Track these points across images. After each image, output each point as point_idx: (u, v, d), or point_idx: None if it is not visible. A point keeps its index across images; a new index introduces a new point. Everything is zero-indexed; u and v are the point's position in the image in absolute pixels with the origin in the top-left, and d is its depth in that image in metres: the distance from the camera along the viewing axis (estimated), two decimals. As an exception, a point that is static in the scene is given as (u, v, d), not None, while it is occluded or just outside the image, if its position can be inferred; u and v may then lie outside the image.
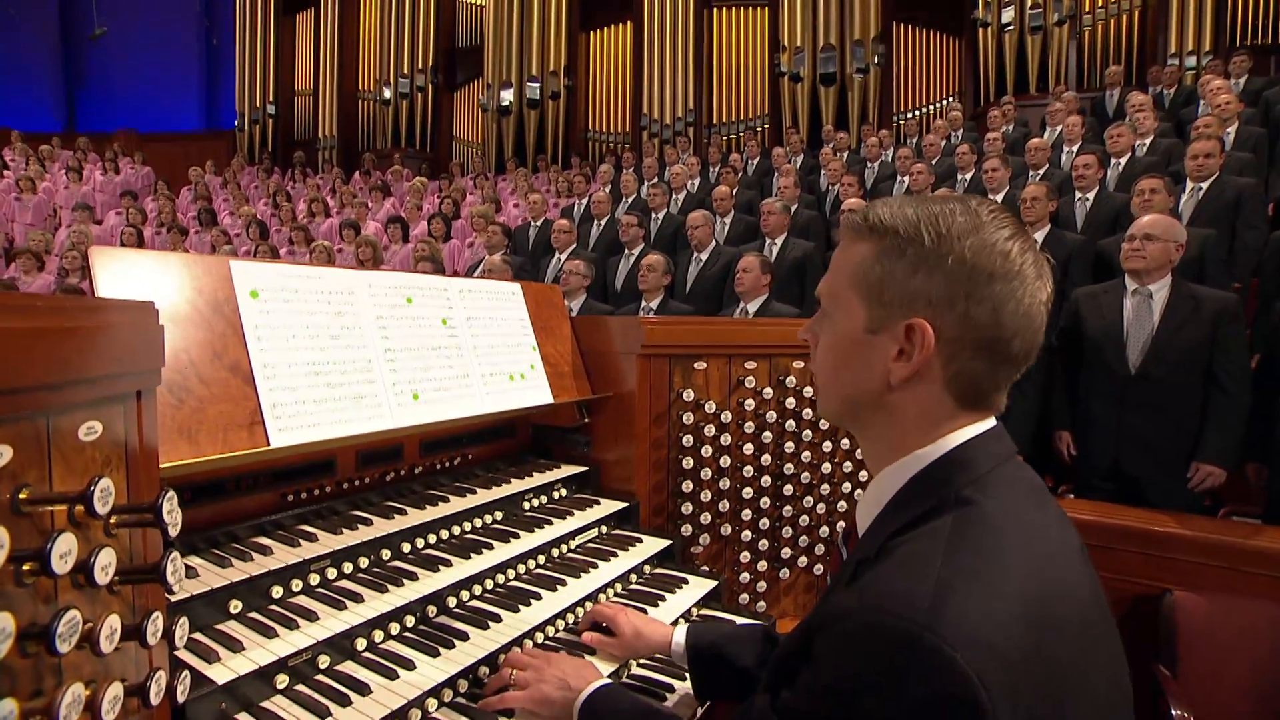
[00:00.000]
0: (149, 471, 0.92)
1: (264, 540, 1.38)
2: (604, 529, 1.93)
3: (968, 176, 6.64)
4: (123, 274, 1.20)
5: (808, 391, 2.16)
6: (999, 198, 5.56)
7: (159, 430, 1.10)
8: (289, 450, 1.30)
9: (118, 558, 0.82)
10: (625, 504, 1.97)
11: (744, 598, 2.13)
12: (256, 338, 1.34)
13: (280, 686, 1.16)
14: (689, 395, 2.02)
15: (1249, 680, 2.24)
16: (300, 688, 1.18)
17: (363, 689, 1.18)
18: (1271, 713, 2.20)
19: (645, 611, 1.59)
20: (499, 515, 1.77)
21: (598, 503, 1.97)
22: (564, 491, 2.01)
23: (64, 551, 0.66)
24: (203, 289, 1.29)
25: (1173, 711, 2.08)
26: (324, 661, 1.23)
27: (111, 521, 0.82)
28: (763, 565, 2.15)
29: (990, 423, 0.90)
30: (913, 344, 0.84)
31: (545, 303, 2.11)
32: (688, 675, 1.44)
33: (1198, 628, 2.34)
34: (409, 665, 1.26)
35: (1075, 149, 6.21)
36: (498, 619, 1.43)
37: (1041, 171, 5.99)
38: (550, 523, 1.78)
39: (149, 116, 15.85)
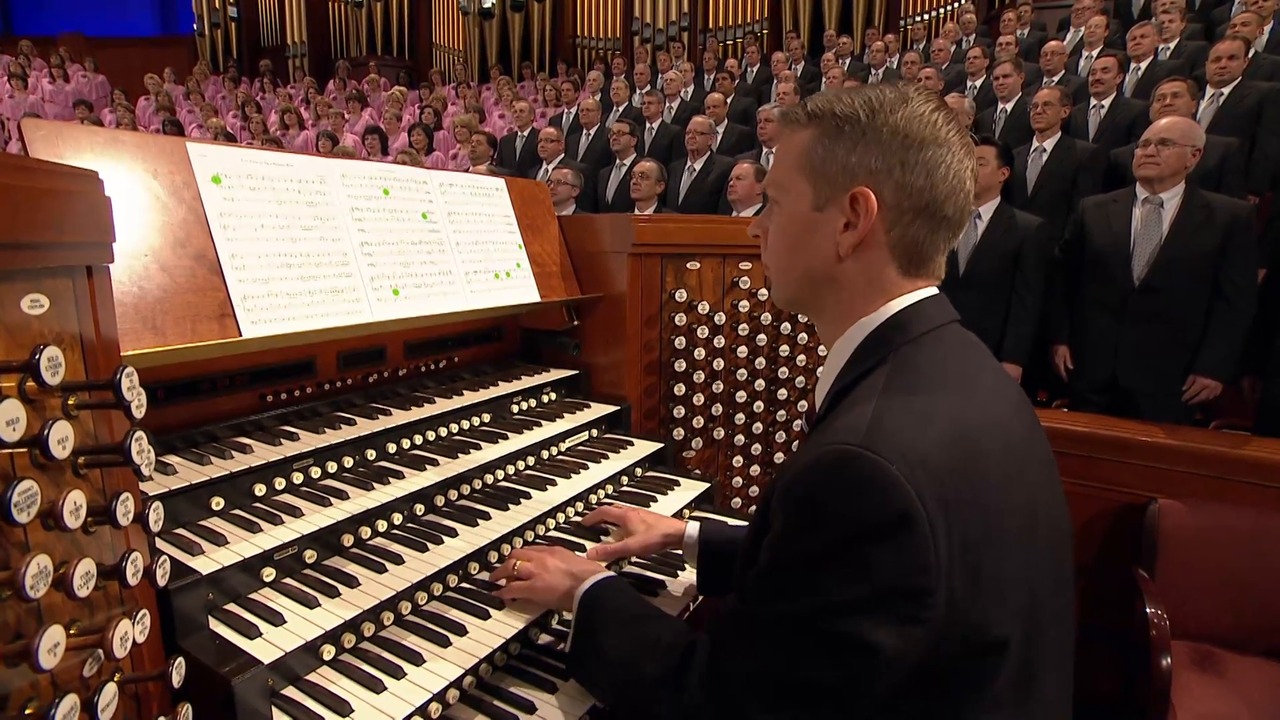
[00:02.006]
0: (108, 357, 0.88)
1: (244, 440, 1.36)
2: (594, 432, 1.92)
3: (978, 83, 6.39)
4: (65, 151, 1.11)
5: (804, 294, 2.11)
6: (1009, 107, 5.37)
7: (121, 320, 1.06)
8: (263, 343, 1.26)
9: (79, 438, 0.79)
10: (616, 407, 1.96)
11: (736, 501, 2.16)
12: (222, 226, 1.27)
13: (267, 579, 1.16)
14: (682, 296, 1.98)
15: (1221, 580, 2.32)
16: (288, 581, 1.19)
17: (351, 581, 1.18)
18: (1239, 607, 2.29)
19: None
20: (486, 417, 1.75)
21: (588, 406, 1.95)
22: (553, 395, 1.99)
23: (11, 418, 0.62)
24: (158, 171, 1.21)
25: (1147, 609, 2.16)
26: (311, 556, 1.23)
27: (70, 403, 0.79)
28: (755, 470, 2.17)
29: (932, 290, 0.96)
30: (858, 213, 0.92)
31: (531, 200, 2.03)
32: (689, 567, 1.48)
33: (1178, 533, 2.41)
34: (398, 560, 1.26)
35: (1095, 53, 5.94)
36: (487, 517, 1.43)
37: (1057, 78, 5.74)
38: (539, 425, 1.77)
39: (96, 19, 14.58)
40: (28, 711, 0.69)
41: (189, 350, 1.13)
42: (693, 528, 1.43)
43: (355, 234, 1.50)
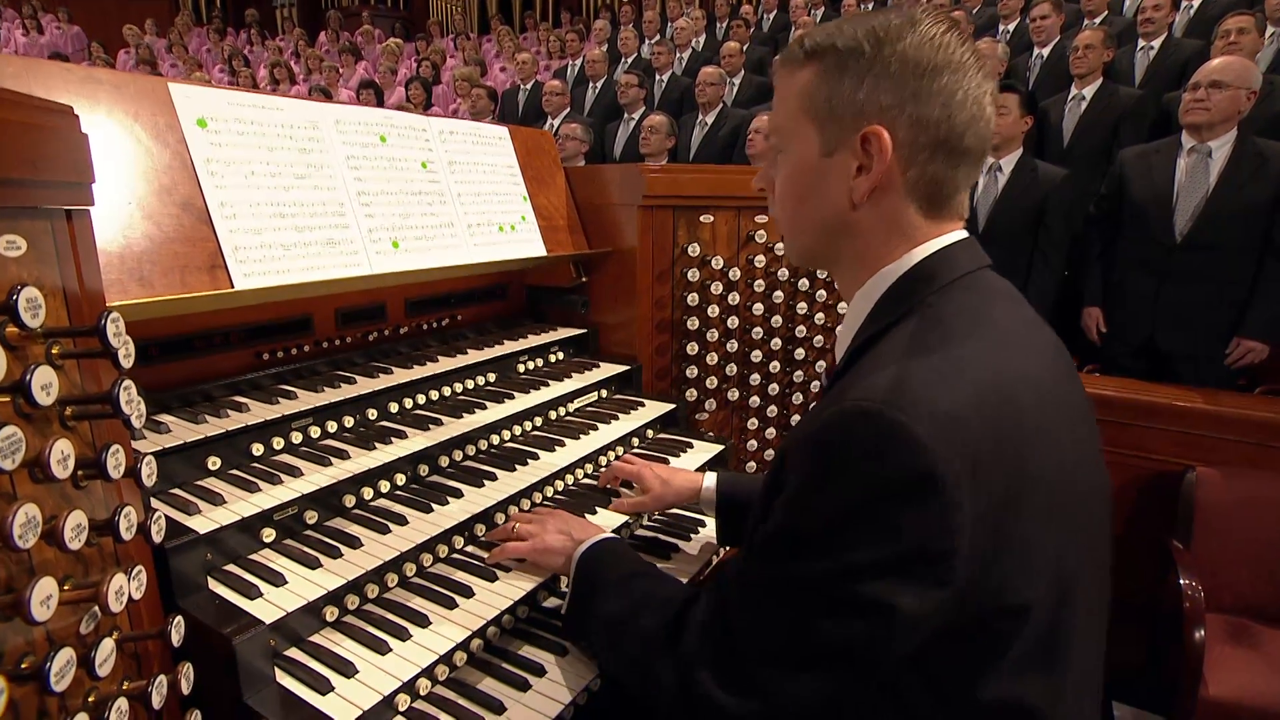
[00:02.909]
0: (92, 306, 0.87)
1: (240, 399, 1.36)
2: (604, 392, 1.91)
3: (1010, 27, 6.19)
4: (36, 90, 1.09)
5: (825, 249, 2.07)
6: (1045, 52, 5.20)
7: (105, 271, 1.05)
8: (256, 295, 1.24)
9: (66, 389, 0.78)
10: (626, 367, 1.95)
11: (751, 465, 2.16)
12: (210, 173, 1.25)
13: (267, 540, 1.17)
14: (695, 250, 1.95)
15: (1260, 551, 2.30)
16: (289, 541, 1.19)
17: (353, 542, 1.18)
18: (1279, 580, 2.28)
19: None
20: (492, 377, 1.74)
21: (597, 366, 1.94)
22: (561, 355, 1.98)
23: (-10, 360, 0.61)
24: (139, 114, 1.18)
25: (1181, 580, 2.15)
26: (311, 517, 1.23)
27: (54, 351, 0.78)
28: (770, 432, 2.15)
29: (960, 234, 0.92)
30: (870, 154, 0.87)
31: (536, 150, 2.00)
32: (705, 527, 1.49)
33: (1216, 502, 2.38)
34: (401, 521, 1.26)
35: (1145, -11, 5.72)
36: (493, 478, 1.43)
37: (1100, 19, 5.53)
38: (546, 385, 1.76)
39: (68, -34, 14.47)
40: (24, 666, 0.70)
41: (179, 302, 1.12)
42: (710, 479, 1.44)
43: (351, 183, 1.48)
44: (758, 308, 2.03)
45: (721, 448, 1.81)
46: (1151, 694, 2.42)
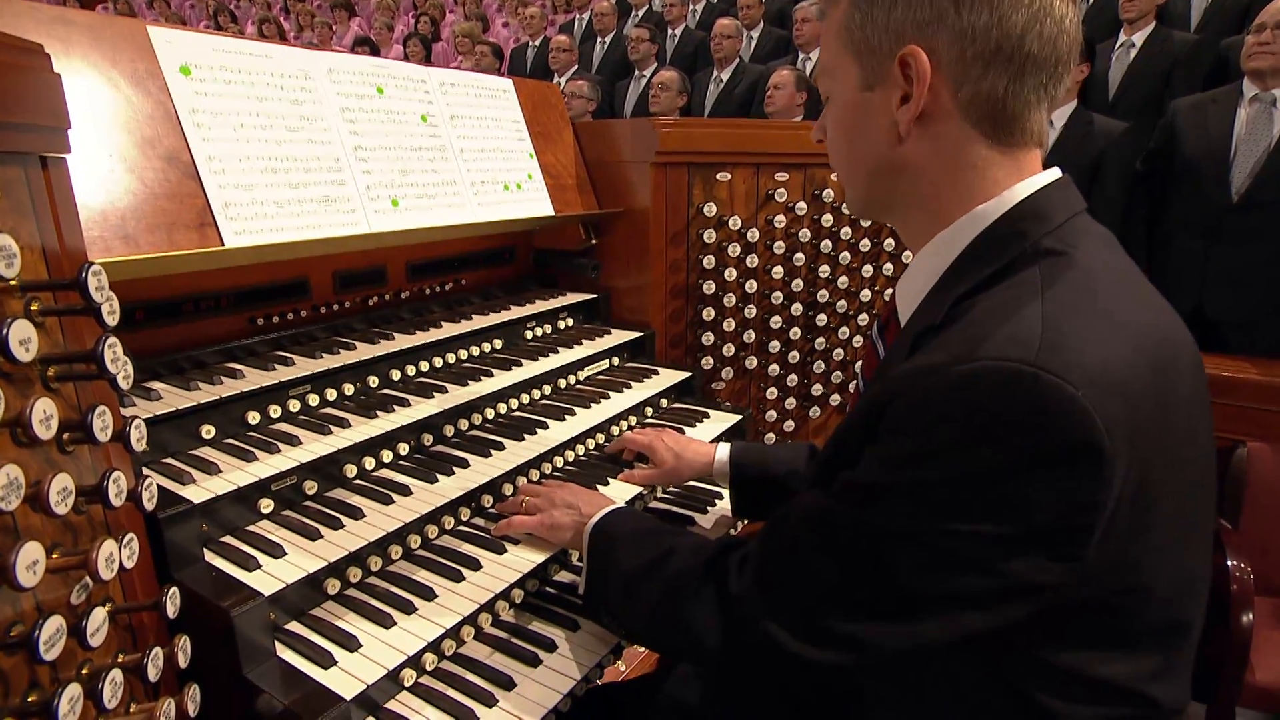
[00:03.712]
0: (72, 262, 0.85)
1: (234, 365, 1.35)
2: (615, 360, 1.90)
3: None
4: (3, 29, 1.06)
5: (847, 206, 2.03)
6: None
7: (87, 228, 1.03)
8: (248, 255, 1.23)
9: (47, 347, 0.77)
10: (639, 334, 1.93)
11: (770, 437, 2.14)
12: (195, 124, 1.22)
13: (265, 511, 1.17)
14: (711, 210, 1.92)
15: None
16: (288, 513, 1.19)
17: (355, 513, 1.18)
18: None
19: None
20: (498, 344, 1.73)
21: (608, 332, 1.92)
22: (570, 321, 1.96)
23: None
24: (117, 59, 1.15)
25: (1229, 562, 2.12)
26: (311, 488, 1.23)
27: (34, 308, 0.76)
28: (791, 403, 2.14)
29: (1054, 172, 0.86)
30: (910, 79, 0.81)
31: (543, 104, 1.96)
32: (719, 502, 1.48)
33: (1267, 480, 2.34)
34: (405, 491, 1.26)
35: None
36: (500, 447, 1.42)
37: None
38: (555, 352, 1.75)
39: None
40: (12, 634, 0.69)
41: (166, 260, 1.10)
42: (723, 450, 1.42)
43: (347, 137, 1.45)
44: (778, 271, 2.00)
45: (739, 418, 1.79)
46: (1195, 679, 2.39)
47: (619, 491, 1.43)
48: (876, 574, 0.77)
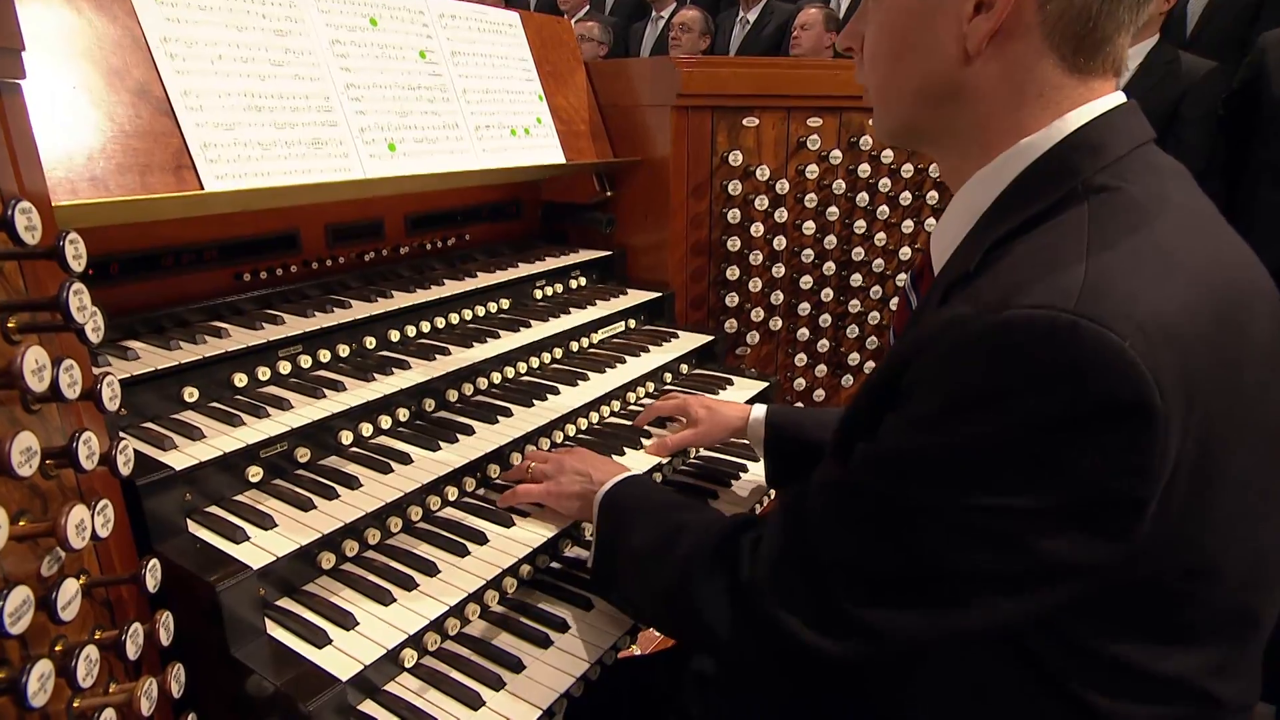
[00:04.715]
0: (34, 204, 0.82)
1: (218, 324, 1.32)
2: (631, 322, 1.87)
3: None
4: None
5: (886, 155, 1.97)
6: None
7: (49, 168, 0.99)
8: (231, 201, 1.19)
9: (5, 295, 0.74)
10: (657, 294, 1.90)
11: (798, 406, 2.10)
12: (168, 55, 1.18)
13: (254, 480, 1.15)
14: (736, 159, 1.86)
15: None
16: (278, 482, 1.17)
17: (351, 482, 1.16)
18: None
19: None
20: (505, 303, 1.70)
21: (624, 293, 1.89)
22: (583, 280, 1.93)
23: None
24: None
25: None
26: (304, 455, 1.21)
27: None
28: (821, 370, 2.10)
29: (1119, 97, 0.79)
30: None
31: (554, 42, 1.90)
32: (751, 467, 1.46)
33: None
34: (405, 459, 1.23)
35: None
36: (508, 414, 1.40)
37: None
38: (567, 313, 1.72)
39: None
40: (-26, 608, 0.67)
41: (140, 204, 1.07)
42: (759, 410, 1.39)
43: (338, 73, 1.40)
44: (809, 226, 1.95)
45: (765, 385, 1.76)
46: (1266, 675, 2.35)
47: (637, 462, 1.40)
48: (898, 555, 0.73)
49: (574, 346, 1.70)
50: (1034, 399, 0.64)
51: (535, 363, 1.60)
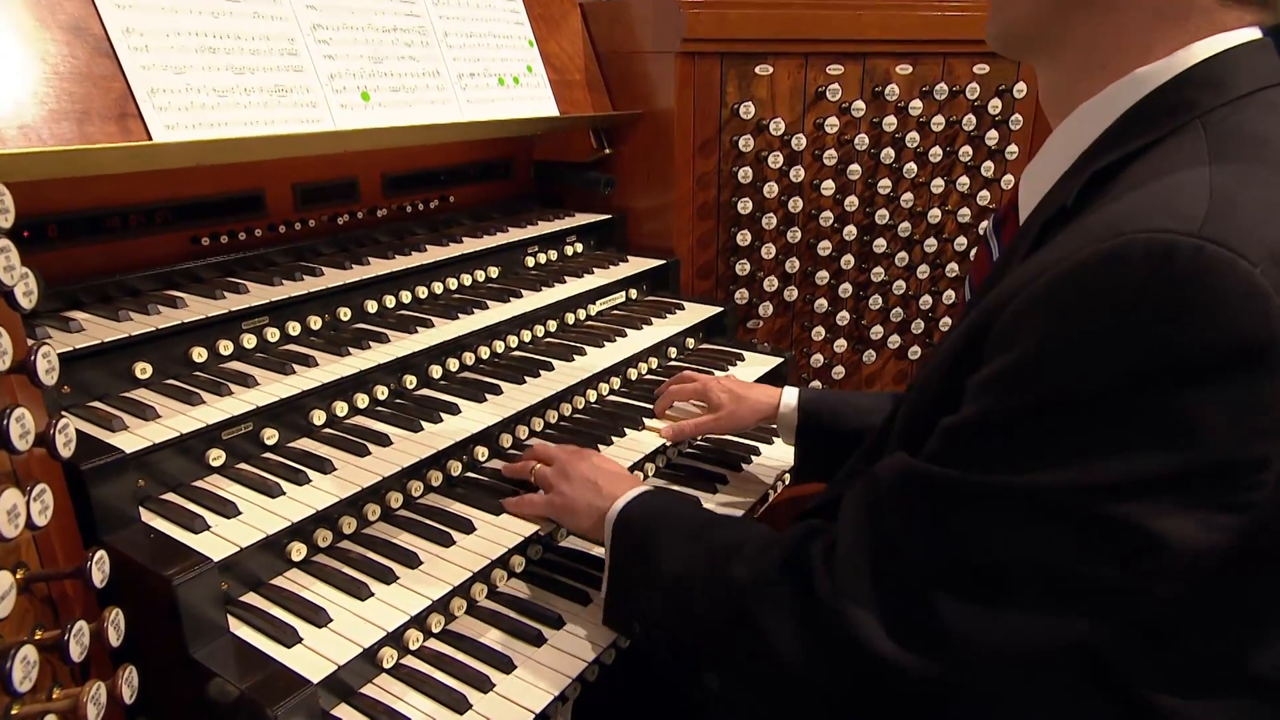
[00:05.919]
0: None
1: (173, 293, 1.30)
2: (633, 292, 1.85)
3: None
4: None
5: (915, 107, 1.92)
6: None
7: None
8: (184, 153, 1.16)
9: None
10: (661, 262, 1.88)
11: (815, 384, 2.09)
12: (110, -13, 1.13)
13: (215, 464, 1.12)
14: (748, 112, 1.83)
15: None
16: (243, 466, 1.15)
17: (324, 466, 1.13)
18: None
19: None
20: (493, 271, 1.67)
21: (624, 260, 1.88)
22: (579, 246, 1.91)
23: None
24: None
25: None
26: (271, 437, 1.18)
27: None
28: (841, 345, 2.08)
29: (1252, 32, 0.76)
30: None
31: (543, -19, 1.85)
32: (763, 449, 1.46)
33: None
34: (383, 441, 1.21)
35: None
36: (497, 391, 1.38)
37: None
38: (562, 282, 1.70)
39: None
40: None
41: (76, 157, 1.03)
42: (790, 394, 1.36)
43: (303, 12, 1.36)
44: (827, 186, 1.92)
45: (779, 361, 1.75)
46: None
47: (642, 443, 1.39)
48: (985, 553, 0.69)
49: (569, 319, 1.69)
50: (1151, 340, 0.60)
51: (527, 336, 1.59)
